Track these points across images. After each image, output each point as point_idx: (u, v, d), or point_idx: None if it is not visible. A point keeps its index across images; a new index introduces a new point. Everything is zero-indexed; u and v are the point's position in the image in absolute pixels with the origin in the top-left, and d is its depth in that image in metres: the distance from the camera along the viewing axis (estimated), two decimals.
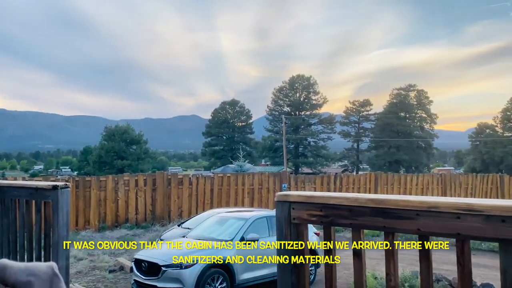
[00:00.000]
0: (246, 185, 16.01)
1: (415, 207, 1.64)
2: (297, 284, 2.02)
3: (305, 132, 54.81)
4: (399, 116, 56.05)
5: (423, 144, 57.13)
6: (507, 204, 1.46)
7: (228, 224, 7.97)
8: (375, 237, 10.58)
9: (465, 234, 1.53)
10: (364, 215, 1.79)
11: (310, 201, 2.01)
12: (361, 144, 61.04)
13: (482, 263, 6.66)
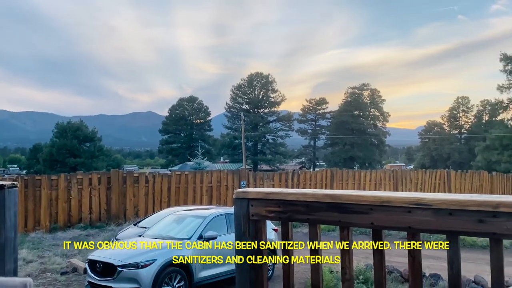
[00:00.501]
0: (205, 183, 15.90)
1: (369, 202, 1.70)
2: (255, 279, 2.03)
3: (264, 129, 55.18)
4: (353, 114, 57.67)
5: (376, 141, 59.14)
6: (454, 198, 1.54)
7: (186, 222, 7.88)
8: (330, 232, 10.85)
9: (416, 228, 1.60)
10: (320, 210, 1.83)
11: (268, 198, 2.02)
12: (318, 141, 62.31)
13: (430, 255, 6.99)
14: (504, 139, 37.25)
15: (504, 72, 40.03)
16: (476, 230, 1.47)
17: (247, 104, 57.34)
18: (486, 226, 1.45)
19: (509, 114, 40.25)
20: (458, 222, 1.50)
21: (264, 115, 56.34)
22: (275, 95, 56.97)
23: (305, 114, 61.98)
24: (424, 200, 1.57)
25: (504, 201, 1.43)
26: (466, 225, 1.49)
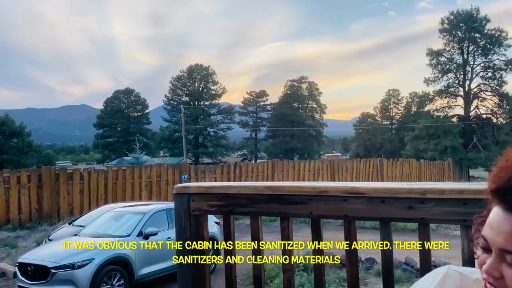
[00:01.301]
0: (144, 178, 15.48)
1: (307, 193, 1.75)
2: (197, 274, 2.02)
3: (205, 122, 54.72)
4: (292, 107, 58.93)
5: (314, 133, 60.97)
6: (386, 187, 1.63)
7: (124, 219, 7.64)
8: (272, 222, 11.06)
9: (351, 215, 1.68)
10: (261, 202, 1.85)
11: (210, 192, 2.01)
12: (259, 133, 63.01)
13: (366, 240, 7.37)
14: (430, 129, 40.02)
15: (430, 66, 42.87)
16: (406, 216, 1.57)
17: (187, 97, 56.46)
18: (415, 212, 1.54)
19: (434, 106, 43.24)
20: (390, 209, 1.59)
21: (205, 108, 55.85)
22: (215, 87, 56.63)
23: (246, 107, 62.34)
24: (359, 189, 1.64)
25: (431, 188, 1.53)
26: (397, 211, 1.58)
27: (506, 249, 0.74)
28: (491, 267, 0.76)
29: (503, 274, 0.75)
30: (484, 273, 0.77)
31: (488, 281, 0.77)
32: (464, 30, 41.71)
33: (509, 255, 0.74)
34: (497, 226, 0.76)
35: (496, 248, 0.76)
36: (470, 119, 41.22)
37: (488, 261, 0.76)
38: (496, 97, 41.36)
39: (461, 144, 38.65)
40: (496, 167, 0.80)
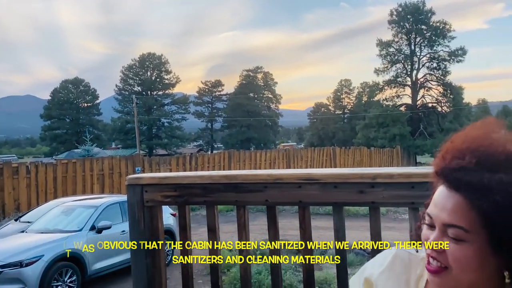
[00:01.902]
0: (95, 171, 14.98)
1: (263, 180, 1.75)
2: (152, 267, 1.98)
3: (158, 112, 53.59)
4: (248, 97, 58.99)
5: (270, 123, 61.47)
6: (338, 172, 1.67)
7: (76, 213, 7.37)
8: (229, 212, 11.09)
9: (306, 201, 1.70)
10: (217, 191, 1.84)
11: (164, 182, 1.97)
12: (215, 124, 62.62)
13: (320, 226, 7.57)
14: (380, 117, 41.53)
15: (380, 56, 44.34)
16: (358, 200, 1.61)
17: (139, 86, 54.96)
18: (366, 196, 1.59)
19: (384, 95, 44.86)
20: (342, 194, 1.63)
21: (158, 98, 54.66)
22: (169, 77, 55.50)
23: (201, 97, 61.66)
24: (313, 176, 1.67)
25: (381, 173, 1.58)
26: (349, 196, 1.62)
27: (448, 223, 0.79)
28: (434, 241, 0.81)
29: (444, 249, 0.80)
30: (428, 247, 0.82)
31: (431, 255, 0.82)
32: (411, 22, 43.40)
33: (451, 228, 0.78)
34: (441, 203, 0.81)
35: (440, 223, 0.81)
36: (417, 108, 43.18)
37: (432, 236, 0.82)
38: (441, 87, 43.51)
39: (409, 132, 40.44)
40: (441, 151, 0.85)
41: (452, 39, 42.70)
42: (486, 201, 0.74)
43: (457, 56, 41.94)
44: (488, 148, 0.80)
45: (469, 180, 0.76)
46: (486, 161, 0.78)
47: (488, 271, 0.80)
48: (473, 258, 0.78)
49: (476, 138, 0.82)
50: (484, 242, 0.77)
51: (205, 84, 62.56)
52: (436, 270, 0.81)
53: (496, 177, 0.75)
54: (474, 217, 0.76)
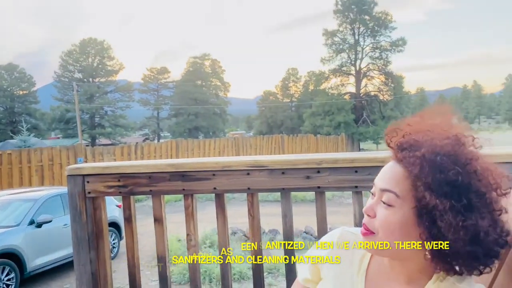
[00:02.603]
0: (33, 162, 14.15)
1: (211, 168, 1.73)
2: (96, 260, 1.91)
3: (101, 100, 51.45)
4: (196, 84, 58.16)
5: (219, 111, 61.13)
6: (285, 159, 1.68)
7: (12, 207, 6.94)
8: (178, 202, 10.95)
9: (254, 188, 1.71)
10: (163, 180, 1.80)
11: (106, 172, 1.90)
12: (161, 112, 61.23)
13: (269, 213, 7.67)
14: (326, 106, 42.64)
15: (326, 45, 45.34)
16: (304, 185, 1.64)
17: (80, 73, 52.35)
18: (312, 181, 1.62)
19: (329, 84, 46.06)
20: (290, 179, 1.65)
21: (101, 85, 52.40)
22: (112, 63, 53.28)
23: (146, 84, 59.91)
24: (261, 162, 1.67)
25: (326, 158, 1.61)
26: (296, 181, 1.64)
27: (384, 188, 0.85)
28: (368, 207, 0.88)
29: (376, 213, 0.86)
30: (364, 211, 0.88)
31: (364, 222, 0.88)
32: (355, 12, 44.65)
33: (385, 193, 0.85)
34: (385, 172, 0.88)
35: (378, 189, 0.87)
36: (361, 96, 44.77)
37: (369, 202, 0.87)
38: (383, 76, 45.35)
39: (353, 119, 41.90)
40: (392, 131, 0.92)
41: (393, 29, 44.53)
42: (419, 170, 0.81)
43: (398, 46, 43.82)
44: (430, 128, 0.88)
45: (408, 154, 0.84)
46: (426, 140, 0.86)
47: (412, 240, 0.85)
48: (397, 223, 0.83)
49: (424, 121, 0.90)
50: (410, 210, 0.83)
51: (150, 71, 60.80)
52: (364, 234, 0.87)
53: (430, 147, 0.83)
54: (407, 185, 0.83)
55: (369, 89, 46.09)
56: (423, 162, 0.82)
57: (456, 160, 0.82)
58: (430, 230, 0.81)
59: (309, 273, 1.03)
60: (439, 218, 0.79)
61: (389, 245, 0.84)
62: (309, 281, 1.03)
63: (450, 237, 0.79)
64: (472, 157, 0.84)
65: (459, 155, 0.83)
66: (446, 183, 0.79)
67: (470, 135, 0.88)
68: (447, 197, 0.79)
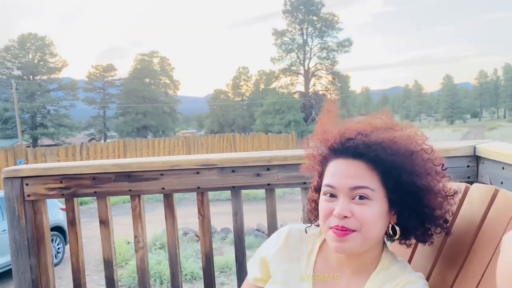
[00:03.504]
0: None
1: (159, 168, 1.69)
2: (37, 266, 1.80)
3: (43, 99, 48.85)
4: (144, 82, 56.75)
5: (168, 109, 60.04)
6: (235, 157, 1.68)
7: None
8: (126, 203, 10.64)
9: (204, 187, 1.69)
10: (109, 181, 1.74)
11: (47, 174, 1.80)
12: (108, 111, 59.13)
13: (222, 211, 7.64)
14: (276, 104, 43.18)
15: (275, 45, 45.89)
16: (255, 183, 1.65)
17: (19, 70, 49.37)
18: (262, 179, 1.63)
19: (280, 83, 46.70)
20: (240, 177, 1.64)
21: (43, 83, 49.75)
22: (54, 60, 50.71)
23: (92, 82, 57.61)
24: (211, 161, 1.66)
25: (276, 155, 1.63)
26: (246, 179, 1.64)
27: (355, 186, 0.87)
28: (342, 208, 0.87)
29: (352, 212, 0.87)
30: (337, 216, 0.87)
31: (338, 227, 0.87)
32: (303, 12, 45.54)
33: (358, 189, 0.87)
34: (343, 172, 0.89)
35: (346, 190, 0.88)
36: (309, 95, 45.77)
37: (338, 205, 0.87)
38: (330, 76, 46.64)
39: (302, 118, 42.76)
40: (317, 137, 0.93)
41: (340, 30, 45.95)
42: (384, 162, 0.86)
43: (344, 47, 45.26)
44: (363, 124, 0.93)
45: (365, 147, 0.87)
46: (369, 133, 0.90)
47: (385, 229, 0.92)
48: (378, 215, 0.88)
49: (345, 122, 0.96)
50: (384, 199, 0.88)
51: (96, 68, 58.53)
52: (343, 234, 0.87)
53: (389, 141, 0.87)
54: (375, 176, 0.87)
55: (318, 88, 47.26)
56: (379, 152, 0.86)
57: (407, 143, 0.89)
58: (401, 211, 0.90)
59: (259, 271, 1.03)
60: (406, 199, 0.88)
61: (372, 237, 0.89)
62: (258, 280, 1.03)
63: (414, 214, 0.89)
64: (418, 139, 0.91)
65: (406, 139, 0.90)
66: (406, 162, 0.86)
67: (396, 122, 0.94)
68: (410, 179, 0.86)
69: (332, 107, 1.03)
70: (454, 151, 1.51)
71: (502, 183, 1.34)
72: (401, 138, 0.89)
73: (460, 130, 49.29)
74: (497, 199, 0.96)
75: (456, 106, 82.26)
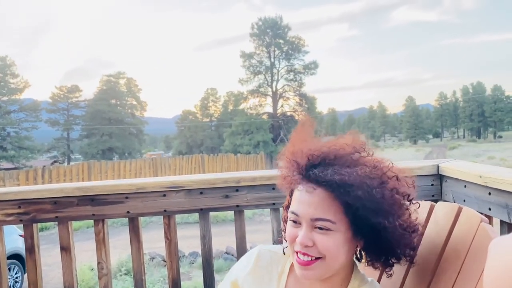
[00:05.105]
0: None
1: (124, 191, 1.64)
2: None
3: (3, 121, 47.02)
4: (110, 103, 55.78)
5: (135, 131, 59.09)
6: (203, 178, 1.65)
7: None
8: (90, 228, 10.26)
9: (171, 210, 1.65)
10: (71, 205, 1.66)
11: (4, 199, 1.71)
12: (72, 133, 57.54)
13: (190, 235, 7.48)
14: (245, 125, 43.40)
15: (243, 67, 46.41)
16: (223, 205, 1.62)
17: None
18: (231, 200, 1.61)
19: (248, 104, 47.06)
20: (208, 199, 1.62)
21: (3, 104, 48.00)
22: (16, 81, 49.17)
23: (56, 103, 56.09)
24: (178, 182, 1.62)
25: (244, 176, 1.61)
26: (215, 201, 1.62)
27: (316, 217, 0.86)
28: (304, 238, 0.86)
29: (314, 242, 0.86)
30: (300, 244, 0.87)
31: (301, 252, 0.87)
32: (270, 36, 46.45)
33: (319, 221, 0.86)
34: (306, 200, 0.88)
35: (307, 219, 0.86)
36: (278, 116, 46.30)
37: (301, 233, 0.87)
38: (297, 97, 47.44)
39: (271, 138, 43.08)
40: (286, 157, 0.92)
41: (306, 53, 47.04)
42: (348, 195, 0.84)
43: (310, 69, 46.30)
44: (330, 148, 0.91)
45: (330, 177, 0.85)
46: (334, 159, 0.90)
47: (351, 255, 0.91)
48: (341, 245, 0.87)
49: (307, 141, 0.95)
50: (347, 228, 0.87)
51: (59, 89, 57.15)
52: (307, 263, 0.87)
53: (354, 173, 0.85)
54: (337, 207, 0.86)
55: (285, 109, 47.90)
56: (344, 176, 0.85)
57: (371, 174, 0.87)
58: (365, 239, 0.90)
59: None
60: (367, 232, 0.88)
61: (336, 265, 0.88)
62: None
63: (376, 245, 0.90)
64: (384, 168, 0.91)
65: (371, 169, 0.88)
66: (368, 196, 0.85)
67: (364, 143, 0.94)
68: (370, 215, 0.85)
69: (306, 123, 1.01)
70: (418, 170, 1.55)
71: (464, 200, 1.38)
72: (365, 168, 0.87)
73: (423, 150, 50.97)
74: (461, 216, 0.99)
75: (419, 127, 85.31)
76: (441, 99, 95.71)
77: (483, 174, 1.23)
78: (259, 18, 46.91)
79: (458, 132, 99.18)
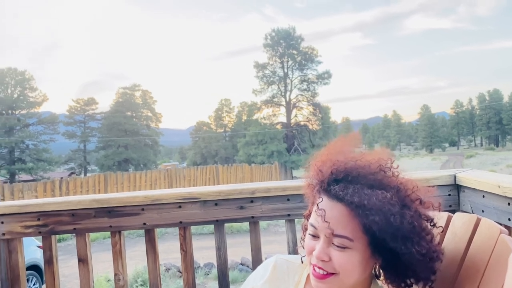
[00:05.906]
0: None
1: (140, 203, 1.66)
2: None
3: (22, 133, 48.03)
4: (126, 115, 56.55)
5: (150, 142, 59.66)
6: (218, 189, 1.66)
7: None
8: (106, 239, 10.35)
9: (186, 221, 1.66)
10: (88, 217, 1.69)
11: (24, 211, 1.74)
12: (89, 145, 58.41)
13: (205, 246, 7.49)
14: (259, 135, 43.43)
15: (257, 77, 46.64)
16: (238, 216, 1.62)
17: None
18: (245, 211, 1.61)
19: (262, 114, 47.19)
20: (223, 210, 1.62)
21: (22, 117, 49.05)
22: (34, 94, 50.27)
23: (72, 116, 57.11)
24: (193, 194, 1.63)
25: (259, 187, 1.62)
26: (230, 212, 1.62)
27: (334, 233, 0.85)
28: (321, 252, 0.86)
29: (330, 257, 0.86)
30: (316, 258, 0.87)
31: (317, 266, 0.86)
32: (283, 46, 46.65)
33: (336, 238, 0.85)
34: (325, 214, 0.86)
35: (326, 234, 0.85)
36: (291, 126, 46.25)
37: (318, 246, 0.87)
38: (311, 107, 47.37)
39: (285, 148, 43.00)
40: (314, 165, 0.92)
41: (320, 63, 47.07)
42: (366, 218, 0.83)
43: (324, 79, 46.26)
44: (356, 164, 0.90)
45: (349, 197, 0.84)
46: (358, 176, 0.88)
47: (369, 271, 0.90)
48: (357, 263, 0.86)
49: (342, 153, 0.92)
50: (365, 247, 0.86)
51: (76, 102, 58.22)
52: (322, 276, 0.87)
53: (374, 197, 0.84)
54: (356, 225, 0.84)
55: (299, 119, 47.83)
56: (363, 199, 0.83)
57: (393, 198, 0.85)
58: (385, 258, 0.88)
59: None
60: (386, 253, 0.86)
61: (351, 282, 0.87)
62: None
63: (394, 266, 0.88)
64: (408, 190, 0.88)
65: (396, 190, 0.87)
66: (386, 222, 0.83)
67: (391, 161, 0.92)
68: (391, 234, 0.83)
69: (350, 136, 0.99)
70: (434, 180, 1.53)
71: (483, 211, 1.35)
72: (385, 193, 0.85)
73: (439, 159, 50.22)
74: (479, 227, 0.97)
75: (435, 135, 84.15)
76: (457, 107, 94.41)
77: (502, 183, 1.21)
78: (272, 29, 47.31)
79: (475, 140, 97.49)
